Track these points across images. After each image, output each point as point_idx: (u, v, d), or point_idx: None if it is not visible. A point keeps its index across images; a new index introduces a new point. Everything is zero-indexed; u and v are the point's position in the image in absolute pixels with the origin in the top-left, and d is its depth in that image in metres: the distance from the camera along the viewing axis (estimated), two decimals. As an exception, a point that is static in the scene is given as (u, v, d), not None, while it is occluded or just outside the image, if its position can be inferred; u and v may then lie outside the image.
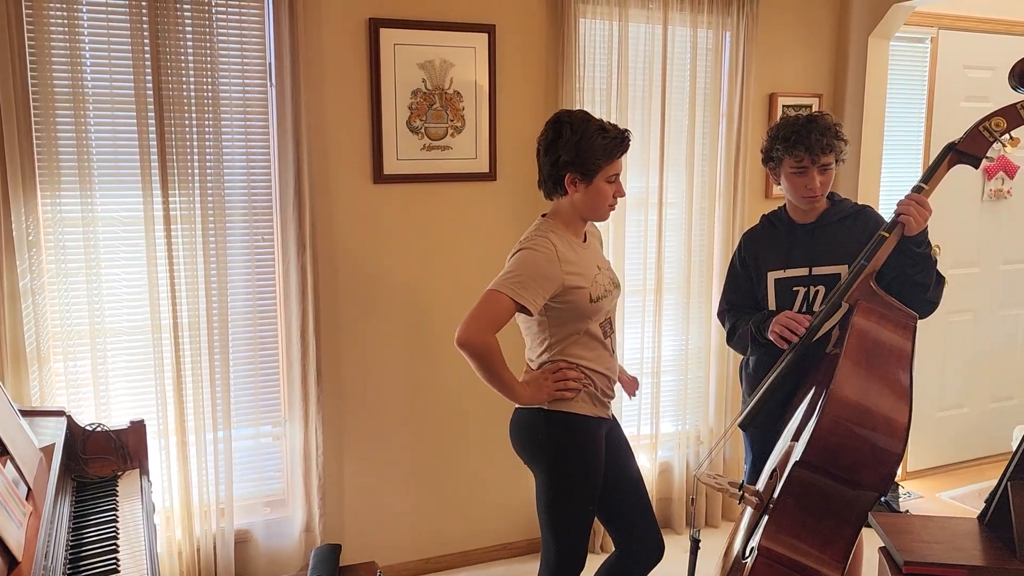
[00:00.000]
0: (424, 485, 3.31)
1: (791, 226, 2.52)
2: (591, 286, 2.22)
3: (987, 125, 2.20)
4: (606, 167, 2.19)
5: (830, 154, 2.37)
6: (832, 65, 3.81)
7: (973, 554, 1.79)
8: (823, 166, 2.38)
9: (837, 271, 2.40)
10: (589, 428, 2.28)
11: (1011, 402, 4.54)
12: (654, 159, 3.43)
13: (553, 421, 2.25)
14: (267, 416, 3.06)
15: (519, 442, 2.35)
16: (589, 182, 2.19)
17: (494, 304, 2.12)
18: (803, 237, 2.48)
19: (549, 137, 2.22)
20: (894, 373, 2.07)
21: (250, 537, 3.03)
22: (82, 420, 2.38)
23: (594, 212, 2.26)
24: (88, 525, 2.00)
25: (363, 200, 3.06)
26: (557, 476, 2.27)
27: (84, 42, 2.60)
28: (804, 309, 2.45)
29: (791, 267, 2.48)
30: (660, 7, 3.32)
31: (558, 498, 2.27)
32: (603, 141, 2.16)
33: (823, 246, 2.45)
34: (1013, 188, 4.33)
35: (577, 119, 2.19)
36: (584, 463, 2.27)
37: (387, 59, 2.99)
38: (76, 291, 2.68)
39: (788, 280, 2.48)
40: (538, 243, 2.18)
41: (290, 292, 2.93)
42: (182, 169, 2.74)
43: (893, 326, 2.15)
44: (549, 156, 2.21)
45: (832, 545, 2.06)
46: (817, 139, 2.34)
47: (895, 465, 1.99)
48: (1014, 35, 4.19)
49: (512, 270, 2.14)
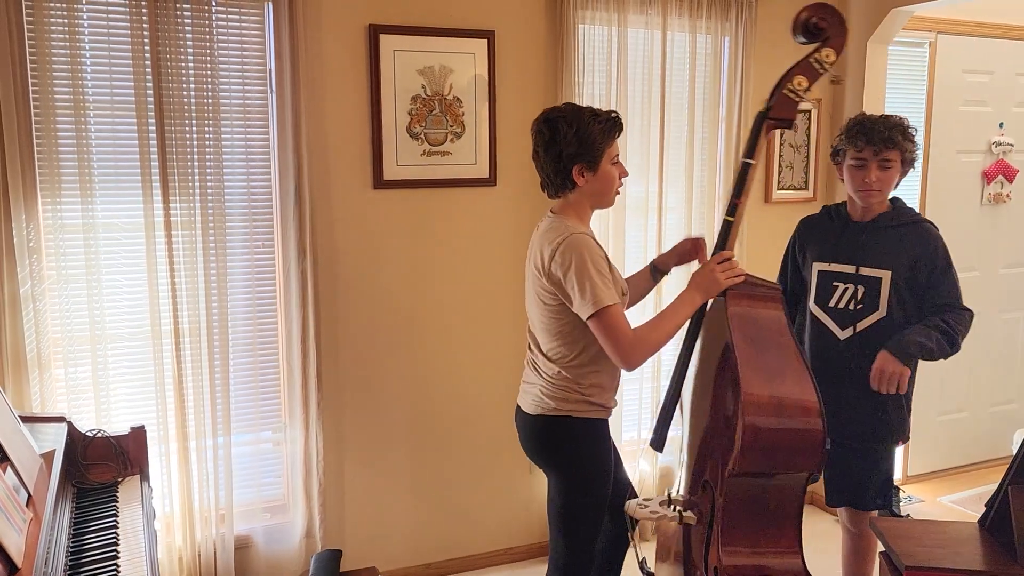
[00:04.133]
0: (425, 490, 3.31)
1: (846, 222, 2.55)
2: (618, 280, 2.26)
3: (790, 87, 2.19)
4: (608, 150, 2.21)
5: (891, 150, 2.40)
6: (831, 69, 3.81)
7: (974, 559, 1.79)
8: (883, 161, 2.41)
9: (879, 274, 2.44)
10: (605, 430, 2.31)
11: (1011, 406, 4.54)
12: (654, 165, 3.44)
13: (580, 427, 2.26)
14: (267, 422, 3.06)
15: (535, 447, 2.34)
16: (596, 169, 2.20)
17: (611, 320, 2.11)
18: (854, 234, 2.51)
19: (546, 136, 2.21)
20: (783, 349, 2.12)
21: (250, 543, 3.03)
22: (83, 426, 2.38)
23: (604, 198, 2.27)
24: (88, 531, 2.00)
25: (363, 206, 3.07)
26: (576, 482, 2.28)
27: (85, 47, 2.61)
28: (843, 305, 2.50)
29: (836, 262, 2.52)
30: (659, 13, 3.33)
31: (574, 503, 2.28)
32: (599, 126, 2.18)
33: (871, 247, 2.47)
34: (1012, 192, 4.34)
35: (569, 112, 2.20)
36: (604, 470, 2.30)
37: (387, 65, 3.00)
38: (77, 297, 2.68)
39: (831, 274, 2.53)
40: (581, 240, 2.15)
41: (290, 298, 2.93)
42: (182, 175, 2.74)
43: (764, 303, 2.20)
44: (551, 154, 2.21)
45: (786, 534, 2.11)
46: (880, 132, 2.39)
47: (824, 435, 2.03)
48: (1012, 39, 4.19)
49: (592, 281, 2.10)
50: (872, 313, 2.46)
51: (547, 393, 2.27)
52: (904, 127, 2.43)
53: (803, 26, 2.20)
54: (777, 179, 3.76)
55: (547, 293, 2.21)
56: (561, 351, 2.24)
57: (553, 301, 2.20)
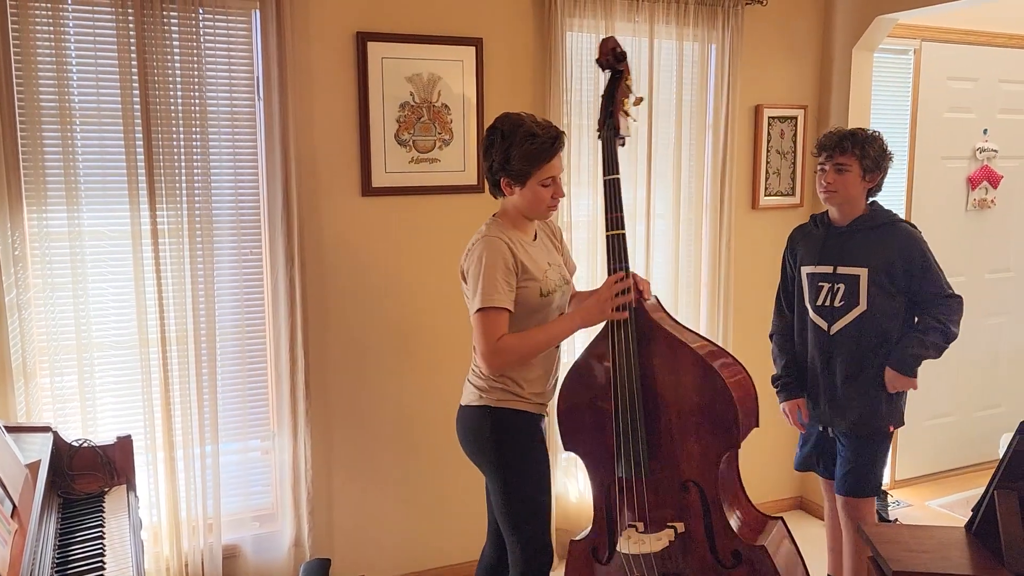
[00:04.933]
0: (414, 498, 3.30)
1: (829, 228, 2.77)
2: (542, 280, 2.28)
3: (624, 108, 2.42)
4: (536, 172, 2.23)
5: (843, 155, 2.63)
6: (817, 77, 3.85)
7: (961, 563, 1.80)
8: (837, 164, 2.65)
9: (856, 272, 2.66)
10: (532, 424, 2.35)
11: (998, 410, 4.57)
12: (641, 171, 3.45)
13: (498, 417, 2.30)
14: (255, 430, 3.04)
15: (465, 439, 2.40)
16: (522, 185, 2.25)
17: (488, 320, 2.19)
18: (834, 238, 2.73)
19: (486, 143, 2.29)
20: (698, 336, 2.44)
21: (239, 552, 3.01)
22: (69, 436, 2.36)
23: (532, 212, 2.32)
24: (74, 542, 1.98)
25: (351, 213, 3.06)
26: (506, 470, 2.31)
27: (71, 53, 2.60)
28: (827, 303, 2.71)
29: (821, 264, 2.74)
30: (646, 20, 3.35)
31: (511, 492, 2.31)
32: (531, 147, 2.19)
33: (849, 249, 2.69)
34: (997, 198, 4.37)
35: (508, 126, 2.23)
36: (530, 453, 2.33)
37: (375, 73, 3.00)
38: (63, 306, 2.66)
39: (817, 275, 2.75)
40: (490, 242, 2.23)
41: (278, 305, 2.92)
42: (169, 182, 2.73)
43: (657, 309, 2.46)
44: (486, 159, 2.30)
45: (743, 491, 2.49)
46: (831, 138, 2.67)
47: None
48: (995, 47, 4.23)
49: (482, 281, 2.19)
50: (854, 308, 2.67)
51: (473, 383, 2.36)
52: (857, 136, 2.64)
53: (613, 54, 2.42)
54: (764, 185, 3.77)
55: (465, 286, 2.30)
56: None
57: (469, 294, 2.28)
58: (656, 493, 2.39)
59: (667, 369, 2.36)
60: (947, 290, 2.63)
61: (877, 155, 2.65)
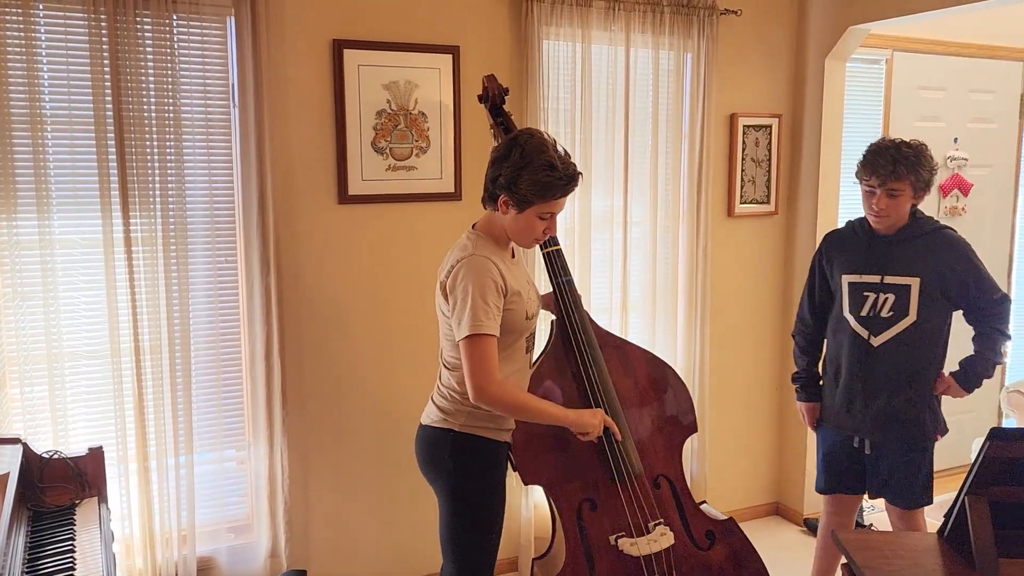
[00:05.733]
0: (391, 508, 3.28)
1: (872, 236, 2.69)
2: (527, 302, 2.21)
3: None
4: (540, 204, 2.12)
5: (898, 181, 2.54)
6: (791, 86, 3.89)
7: (934, 569, 1.82)
8: (890, 190, 2.56)
9: (907, 282, 2.61)
10: (496, 452, 2.27)
11: (970, 415, 4.63)
12: (618, 179, 3.46)
13: (460, 442, 2.22)
14: (231, 440, 3.01)
15: (423, 459, 2.30)
16: (520, 211, 2.14)
17: (478, 349, 2.08)
18: (880, 247, 2.66)
19: (501, 152, 2.16)
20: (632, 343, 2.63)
21: (214, 564, 2.98)
22: (39, 447, 2.33)
23: (518, 239, 2.22)
24: (44, 556, 1.95)
25: (328, 220, 3.05)
26: (459, 499, 2.23)
27: (42, 59, 2.57)
28: (873, 313, 2.64)
29: (865, 273, 2.67)
30: (622, 29, 3.37)
31: (461, 522, 2.24)
32: (545, 178, 2.08)
33: (897, 258, 2.63)
34: (967, 205, 4.44)
35: (532, 146, 2.11)
36: (488, 486, 2.25)
37: (351, 80, 2.99)
38: (33, 315, 2.62)
39: (861, 284, 2.68)
40: (479, 264, 2.12)
41: (254, 314, 2.90)
42: (143, 190, 2.70)
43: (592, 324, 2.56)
44: (493, 170, 2.16)
45: None
46: (884, 166, 2.55)
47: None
48: (965, 57, 4.30)
49: (471, 305, 2.08)
50: (903, 319, 2.62)
51: (438, 404, 2.27)
52: (909, 159, 2.54)
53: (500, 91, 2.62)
54: (740, 193, 3.80)
55: (446, 304, 2.19)
56: (457, 361, 2.20)
57: (451, 313, 2.17)
58: (636, 494, 2.41)
59: (621, 372, 2.42)
60: (998, 292, 2.62)
61: (928, 176, 2.58)
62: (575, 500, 2.39)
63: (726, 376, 3.91)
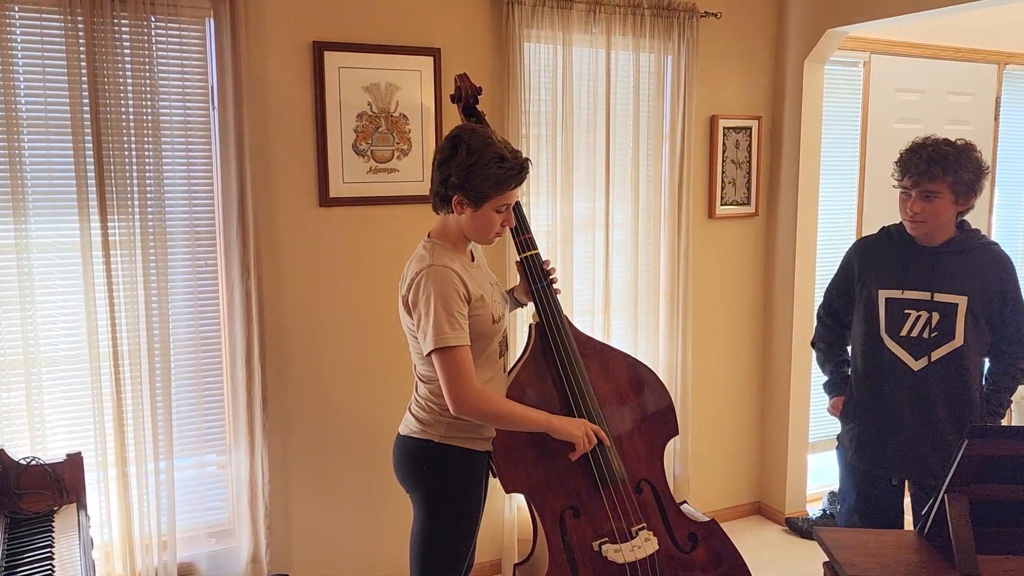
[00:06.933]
0: (373, 512, 3.27)
1: (912, 246, 2.43)
2: (491, 306, 2.19)
3: None
4: (496, 197, 2.09)
5: (933, 182, 2.29)
6: (770, 88, 3.92)
7: (914, 567, 1.83)
8: (925, 192, 2.31)
9: (955, 300, 2.34)
10: (476, 463, 2.25)
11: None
12: (600, 181, 3.47)
13: (439, 453, 2.19)
14: (211, 444, 2.99)
15: (401, 470, 2.27)
16: (476, 208, 2.11)
17: (451, 361, 2.05)
18: (925, 260, 2.40)
19: (445, 153, 2.11)
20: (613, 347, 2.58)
21: (194, 570, 2.95)
22: (16, 454, 2.31)
23: (477, 237, 2.18)
24: (22, 563, 1.93)
25: (309, 224, 3.03)
26: (433, 511, 2.22)
27: (17, 61, 2.54)
28: (916, 333, 2.39)
29: (909, 288, 2.40)
30: (603, 31, 3.38)
31: (434, 533, 2.22)
32: (497, 171, 2.06)
33: (947, 273, 2.36)
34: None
35: (476, 142, 2.07)
36: (465, 497, 2.24)
37: (332, 82, 2.98)
38: (9, 319, 2.59)
39: (903, 302, 2.41)
40: (439, 274, 2.08)
41: (234, 317, 2.88)
42: (121, 193, 2.68)
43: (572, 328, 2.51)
44: (441, 172, 2.12)
45: None
46: (917, 164, 2.31)
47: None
48: (942, 59, 4.35)
49: (434, 318, 2.05)
50: (948, 342, 2.36)
51: (416, 415, 2.24)
52: (948, 158, 2.28)
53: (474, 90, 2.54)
54: (720, 195, 3.83)
55: (409, 319, 2.16)
56: (431, 374, 2.17)
57: (415, 327, 2.14)
58: (620, 500, 2.41)
59: (602, 377, 2.41)
60: None
61: (972, 178, 2.31)
62: (558, 507, 2.36)
63: (708, 376, 3.93)
